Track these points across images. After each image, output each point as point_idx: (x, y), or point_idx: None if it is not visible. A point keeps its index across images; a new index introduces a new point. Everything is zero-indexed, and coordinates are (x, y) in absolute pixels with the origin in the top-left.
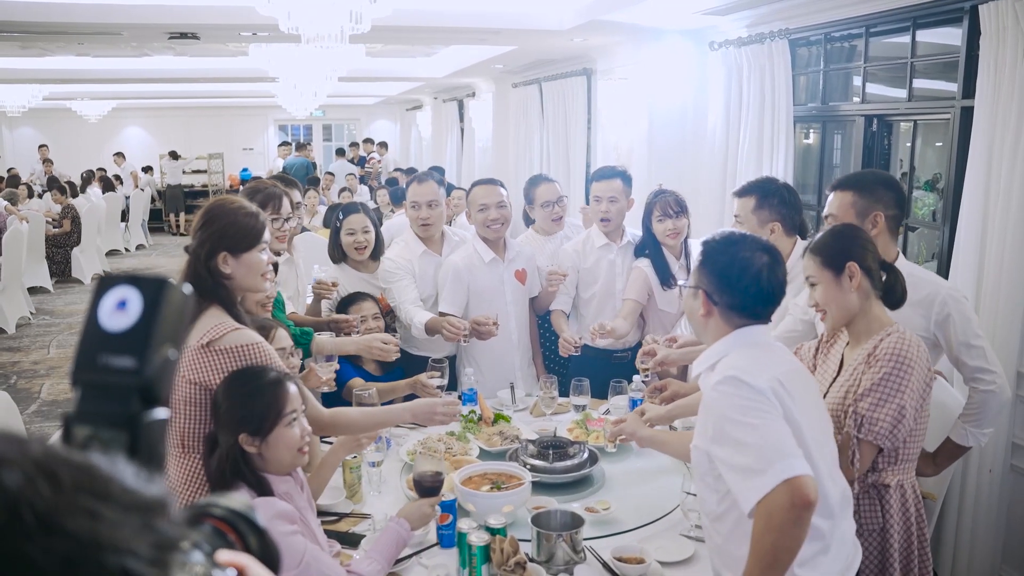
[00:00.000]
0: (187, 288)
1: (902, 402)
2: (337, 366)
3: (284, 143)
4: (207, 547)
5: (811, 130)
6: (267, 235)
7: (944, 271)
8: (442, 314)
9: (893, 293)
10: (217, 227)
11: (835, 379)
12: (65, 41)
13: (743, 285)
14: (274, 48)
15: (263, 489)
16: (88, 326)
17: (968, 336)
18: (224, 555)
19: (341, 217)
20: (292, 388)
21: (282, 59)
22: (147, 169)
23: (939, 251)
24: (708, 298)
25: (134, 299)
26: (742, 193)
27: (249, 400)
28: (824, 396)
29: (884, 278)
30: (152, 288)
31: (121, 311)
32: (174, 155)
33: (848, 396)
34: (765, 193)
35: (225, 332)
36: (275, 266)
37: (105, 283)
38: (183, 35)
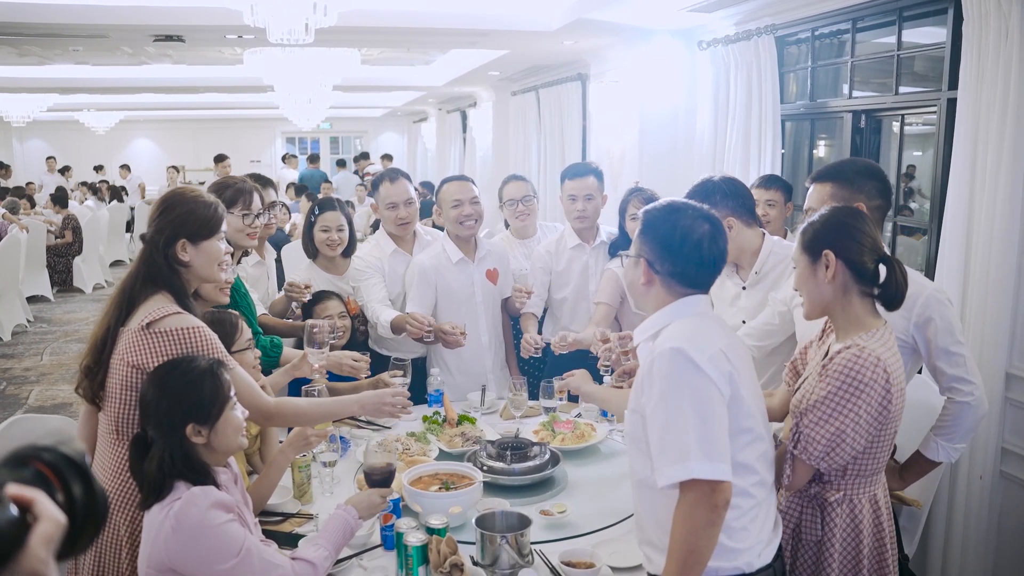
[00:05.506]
0: None
1: (842, 426)
2: (328, 354)
3: (288, 155)
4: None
5: (820, 138)
6: (225, 225)
7: (931, 271)
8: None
9: (887, 291)
10: (176, 215)
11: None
12: (60, 47)
13: (684, 253)
14: (267, 55)
15: (206, 479)
16: None
17: (948, 342)
18: (11, 489)
19: (317, 212)
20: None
21: (275, 65)
22: (124, 166)
23: (927, 251)
24: (649, 266)
25: None
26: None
27: (193, 389)
28: (801, 382)
29: (884, 274)
30: None
31: None
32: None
33: (803, 401)
34: (706, 192)
35: (166, 315)
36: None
37: None
38: (168, 37)
